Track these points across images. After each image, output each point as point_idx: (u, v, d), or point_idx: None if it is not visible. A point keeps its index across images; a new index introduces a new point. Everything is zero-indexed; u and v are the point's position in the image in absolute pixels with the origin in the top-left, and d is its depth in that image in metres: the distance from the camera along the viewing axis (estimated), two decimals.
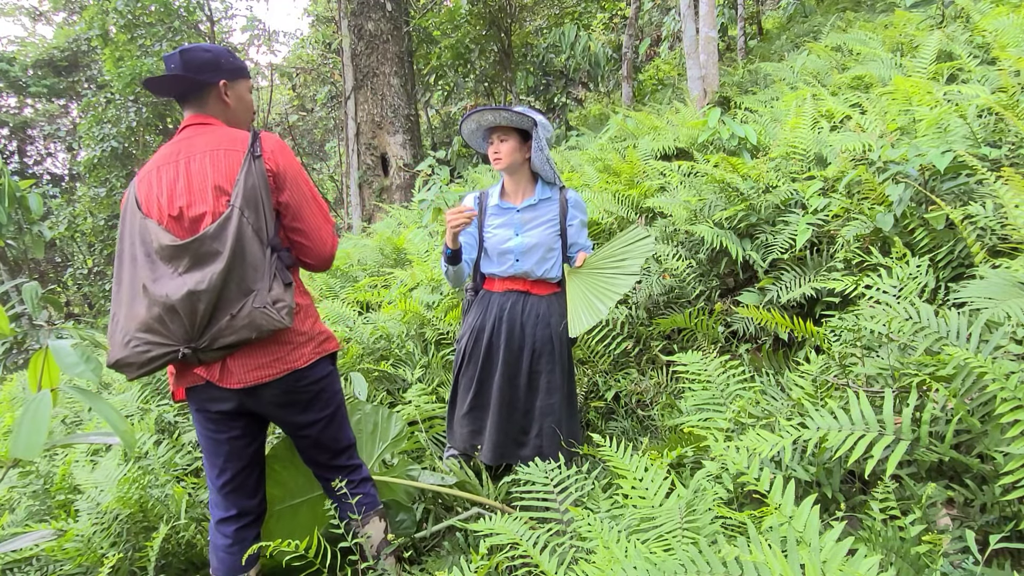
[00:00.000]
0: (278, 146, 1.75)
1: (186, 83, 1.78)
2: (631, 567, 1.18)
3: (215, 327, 1.63)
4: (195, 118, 1.81)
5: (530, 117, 2.33)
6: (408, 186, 9.98)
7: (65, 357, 1.24)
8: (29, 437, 1.17)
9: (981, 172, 2.26)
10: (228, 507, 1.88)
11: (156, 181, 1.72)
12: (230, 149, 1.70)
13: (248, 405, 1.79)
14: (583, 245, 2.52)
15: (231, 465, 1.86)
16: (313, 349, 1.81)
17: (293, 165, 1.77)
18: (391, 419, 2.28)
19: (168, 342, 1.63)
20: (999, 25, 3.66)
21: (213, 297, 1.60)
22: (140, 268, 1.67)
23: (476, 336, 2.51)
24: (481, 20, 10.49)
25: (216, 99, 1.83)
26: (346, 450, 1.97)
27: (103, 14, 11.71)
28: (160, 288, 1.62)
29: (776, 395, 2.05)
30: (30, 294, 1.68)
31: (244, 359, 1.72)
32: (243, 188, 1.64)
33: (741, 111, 5.18)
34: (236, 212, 1.62)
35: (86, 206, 13.68)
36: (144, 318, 1.63)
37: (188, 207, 1.67)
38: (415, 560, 2.22)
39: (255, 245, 1.65)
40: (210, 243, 1.62)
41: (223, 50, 1.84)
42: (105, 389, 4.60)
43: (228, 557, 1.86)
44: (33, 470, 2.87)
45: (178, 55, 1.76)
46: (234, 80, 1.85)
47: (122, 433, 1.24)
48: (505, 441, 2.47)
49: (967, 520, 1.41)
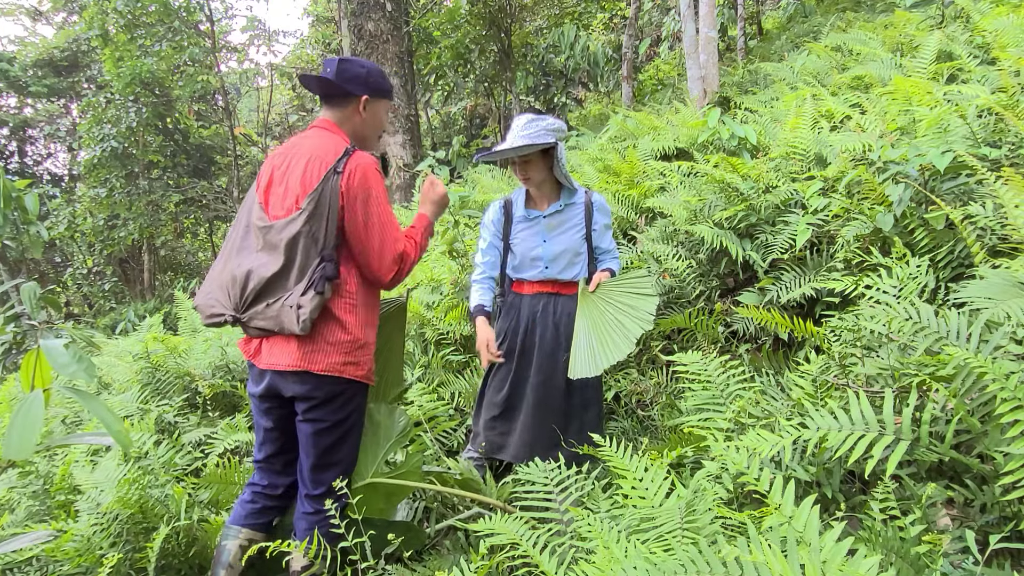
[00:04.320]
0: (359, 169, 1.84)
1: (332, 88, 1.96)
2: (631, 567, 1.18)
3: (254, 308, 1.82)
4: (323, 121, 2.00)
5: (546, 142, 2.34)
6: (408, 186, 9.97)
7: (57, 357, 1.24)
8: (21, 438, 1.16)
9: (981, 172, 2.26)
10: (260, 479, 2.08)
11: (275, 165, 1.93)
12: (324, 160, 1.85)
13: (276, 390, 1.91)
14: (606, 249, 2.56)
15: (265, 447, 2.05)
16: (335, 363, 1.86)
17: (366, 188, 1.85)
18: (394, 415, 2.21)
19: (224, 305, 1.86)
20: (999, 25, 3.66)
21: (262, 282, 1.80)
22: (239, 236, 1.92)
23: (508, 339, 2.54)
24: (481, 20, 10.49)
25: (353, 110, 1.99)
26: (332, 467, 1.97)
27: (103, 14, 11.70)
28: (239, 258, 1.87)
29: (776, 395, 2.05)
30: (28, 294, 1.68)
31: (273, 344, 1.87)
32: (315, 198, 1.80)
33: (741, 111, 5.18)
34: (302, 217, 1.79)
35: (86, 206, 13.67)
36: (220, 278, 1.89)
37: (280, 199, 1.87)
38: (416, 559, 2.21)
39: (310, 251, 1.80)
40: (275, 235, 1.81)
41: (377, 70, 2.01)
42: (105, 389, 4.60)
43: (242, 507, 2.05)
44: (33, 470, 2.87)
45: (336, 62, 1.95)
46: (375, 99, 2.02)
47: (116, 433, 1.24)
48: (538, 439, 2.48)
49: (967, 520, 1.41)
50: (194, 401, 3.78)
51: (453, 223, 3.72)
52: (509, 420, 2.54)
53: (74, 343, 1.28)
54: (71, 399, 4.11)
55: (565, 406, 2.51)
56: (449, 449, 3.07)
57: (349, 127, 2.01)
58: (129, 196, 13.25)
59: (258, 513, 2.05)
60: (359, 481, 2.13)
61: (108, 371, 4.68)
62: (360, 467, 2.16)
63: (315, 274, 1.79)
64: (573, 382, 2.48)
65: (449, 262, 4.01)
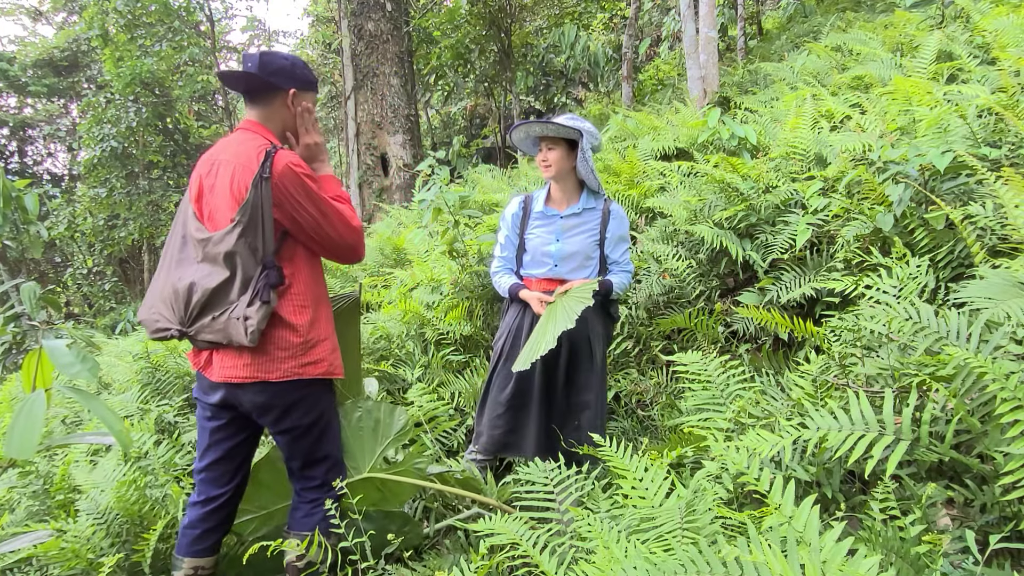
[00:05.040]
0: (286, 169, 1.76)
1: (257, 83, 1.86)
2: (631, 567, 1.18)
3: (200, 322, 1.76)
4: (246, 123, 1.91)
5: (576, 128, 2.37)
6: (408, 186, 9.97)
7: (60, 357, 1.24)
8: (23, 437, 1.17)
9: (981, 172, 2.26)
10: (199, 492, 2.01)
11: (203, 174, 1.86)
12: (247, 167, 1.77)
13: (232, 401, 1.87)
14: (616, 260, 2.55)
15: (209, 454, 1.98)
16: (293, 367, 1.81)
17: (302, 184, 1.78)
18: (394, 414, 2.23)
19: (169, 320, 1.80)
20: (999, 25, 3.66)
21: (206, 294, 1.74)
22: (175, 247, 1.86)
23: (514, 336, 2.55)
24: (481, 20, 10.50)
25: (281, 104, 1.90)
26: (320, 463, 1.96)
27: (103, 14, 11.70)
28: (180, 270, 1.81)
29: (776, 395, 2.05)
30: (28, 294, 1.68)
31: (224, 356, 1.82)
32: (247, 209, 1.73)
33: (741, 111, 5.18)
34: (236, 229, 1.73)
35: (86, 206, 13.68)
36: (162, 292, 1.83)
37: (213, 209, 1.81)
38: (416, 558, 2.21)
39: (249, 261, 1.74)
40: (212, 248, 1.76)
41: (301, 62, 1.92)
42: (105, 389, 4.60)
43: (184, 535, 1.99)
44: (33, 470, 2.87)
45: (258, 55, 1.85)
46: (303, 92, 1.93)
47: (117, 433, 1.24)
48: (545, 435, 2.50)
49: (967, 520, 1.41)
50: (194, 401, 3.77)
51: (453, 223, 3.71)
52: (515, 418, 2.54)
53: (75, 343, 1.28)
54: (71, 399, 4.11)
55: (566, 402, 2.51)
56: (449, 449, 3.07)
57: (278, 124, 1.92)
58: (129, 196, 13.26)
59: (200, 538, 1.98)
60: (356, 476, 2.14)
61: (108, 371, 4.68)
62: (358, 463, 2.18)
63: (259, 283, 1.74)
64: (577, 381, 2.49)
65: (449, 262, 4.01)
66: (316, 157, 1.98)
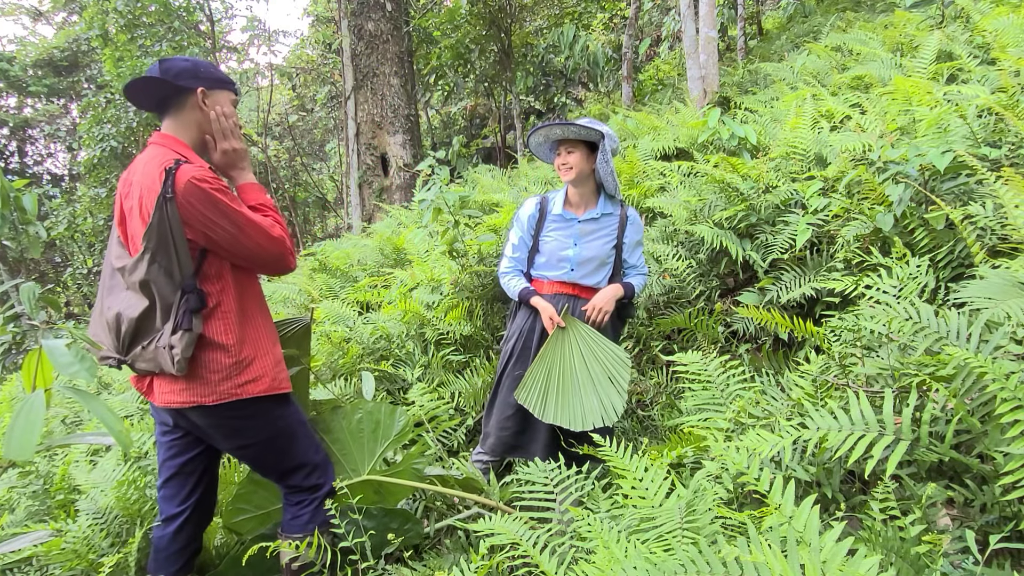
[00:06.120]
0: (188, 186, 1.63)
1: (163, 87, 1.74)
2: (631, 567, 1.18)
3: (133, 351, 1.74)
4: (156, 136, 1.79)
5: (597, 130, 2.38)
6: (408, 186, 9.98)
7: (60, 357, 1.24)
8: (23, 438, 1.17)
9: (981, 172, 2.26)
10: (160, 512, 1.99)
11: (122, 195, 1.78)
12: (151, 188, 1.65)
13: (182, 423, 1.86)
14: (633, 264, 2.57)
15: (163, 471, 1.96)
16: (229, 388, 1.74)
17: (208, 199, 1.65)
18: (394, 415, 2.24)
19: (108, 348, 1.77)
20: (999, 25, 3.66)
21: (131, 324, 1.71)
22: (107, 274, 1.81)
23: (525, 338, 2.55)
24: (481, 20, 10.49)
25: (192, 107, 1.78)
26: (295, 471, 1.92)
27: (103, 14, 11.70)
28: (110, 299, 1.78)
29: (776, 395, 2.05)
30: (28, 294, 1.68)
31: (162, 383, 1.77)
32: (152, 234, 1.64)
33: (741, 111, 5.18)
34: (145, 257, 1.65)
35: (86, 206, 13.67)
36: (99, 320, 1.80)
37: (134, 234, 1.73)
38: (416, 558, 2.22)
39: (166, 287, 1.67)
40: (129, 276, 1.71)
41: (205, 61, 1.83)
42: (105, 389, 4.60)
43: (155, 560, 1.98)
44: (33, 470, 2.87)
45: (158, 63, 1.75)
46: (213, 90, 1.81)
47: (117, 433, 1.24)
48: (553, 438, 2.50)
49: (967, 520, 1.41)
50: None
51: (453, 223, 3.72)
52: (525, 419, 2.53)
53: (75, 343, 1.28)
54: (71, 399, 4.11)
55: None
56: (450, 449, 3.07)
57: (194, 130, 1.80)
58: None
59: (171, 559, 1.96)
60: (355, 478, 2.14)
61: (108, 371, 4.68)
62: (358, 465, 2.18)
63: (179, 310, 1.67)
64: None
65: (449, 262, 4.01)
66: (235, 164, 1.86)
